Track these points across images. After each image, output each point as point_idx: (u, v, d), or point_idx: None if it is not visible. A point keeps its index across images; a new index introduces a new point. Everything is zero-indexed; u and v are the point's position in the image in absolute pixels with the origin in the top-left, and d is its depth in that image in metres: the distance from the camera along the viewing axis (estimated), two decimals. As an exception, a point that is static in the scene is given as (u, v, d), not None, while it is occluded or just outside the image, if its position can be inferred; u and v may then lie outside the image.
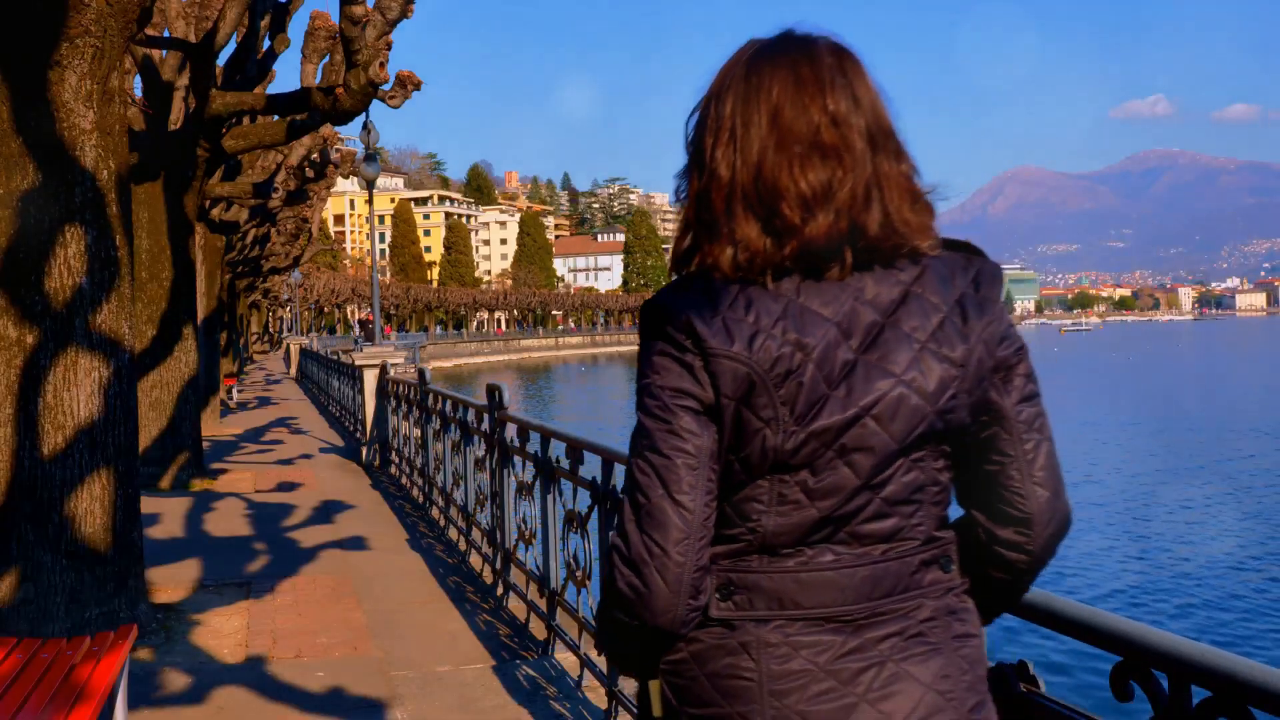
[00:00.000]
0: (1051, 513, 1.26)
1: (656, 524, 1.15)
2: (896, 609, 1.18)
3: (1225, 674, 1.31)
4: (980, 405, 1.21)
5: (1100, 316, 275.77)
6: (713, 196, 1.19)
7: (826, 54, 1.20)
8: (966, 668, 1.19)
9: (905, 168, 1.21)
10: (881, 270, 1.18)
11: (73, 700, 2.66)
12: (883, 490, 1.17)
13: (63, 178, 4.46)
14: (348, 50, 6.98)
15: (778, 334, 1.13)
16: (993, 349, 1.20)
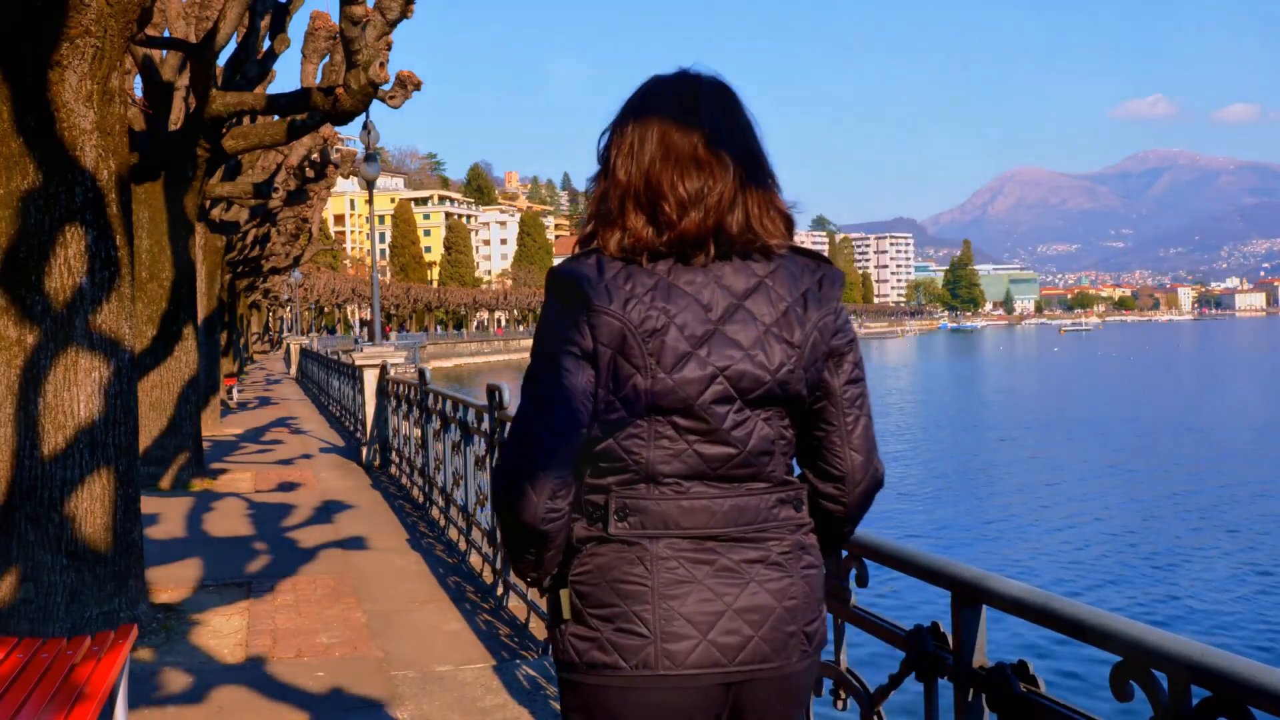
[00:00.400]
0: (864, 473, 1.57)
1: (532, 442, 1.44)
2: (759, 537, 1.47)
3: (1225, 674, 1.31)
4: (814, 382, 1.51)
5: (1100, 316, 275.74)
6: (611, 195, 1.49)
7: (709, 90, 1.51)
8: (809, 590, 1.51)
9: (766, 183, 1.50)
10: (739, 262, 1.47)
11: (73, 700, 2.66)
12: (743, 440, 1.46)
13: (63, 178, 4.46)
14: (348, 50, 6.98)
15: (648, 300, 1.42)
16: (827, 338, 1.50)
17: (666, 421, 1.45)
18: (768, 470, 1.49)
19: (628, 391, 1.43)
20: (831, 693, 2.21)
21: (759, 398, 1.46)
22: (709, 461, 1.45)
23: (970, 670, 1.80)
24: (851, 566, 2.18)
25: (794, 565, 1.50)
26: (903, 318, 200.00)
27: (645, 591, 1.44)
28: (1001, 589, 1.73)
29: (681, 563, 1.44)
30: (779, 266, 1.49)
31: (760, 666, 1.46)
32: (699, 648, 1.43)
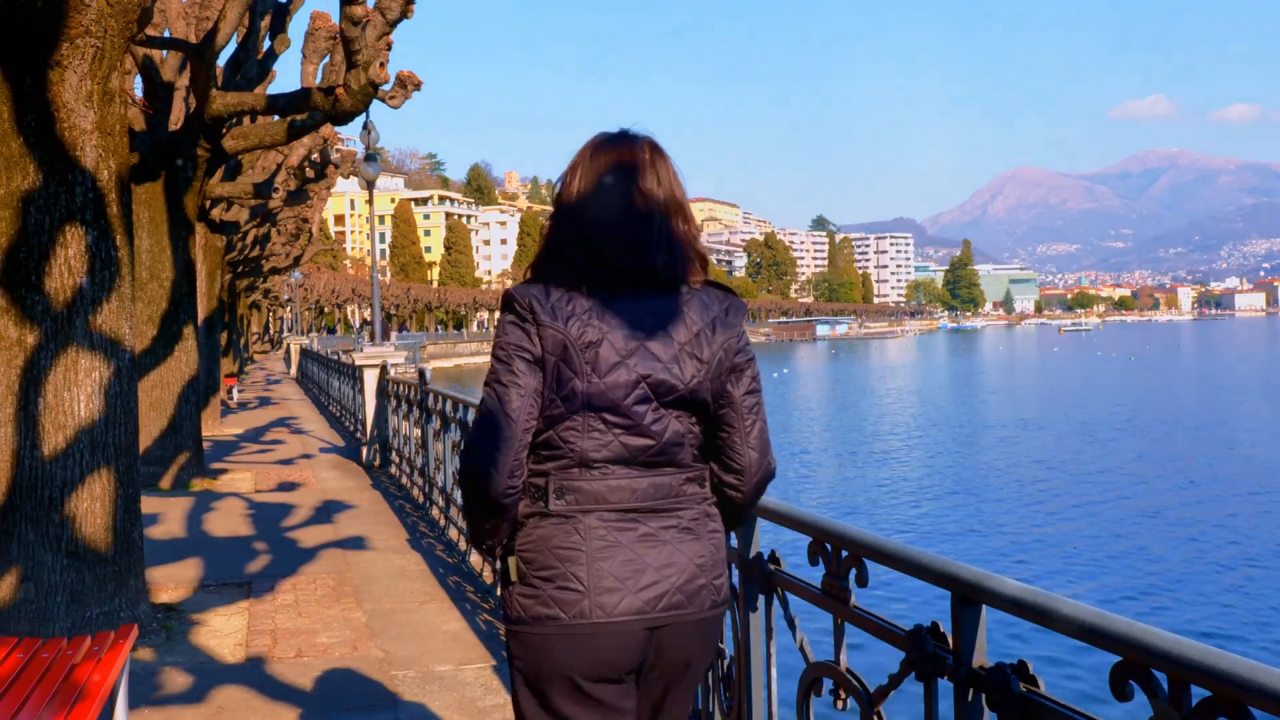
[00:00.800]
0: (759, 467, 1.87)
1: (492, 430, 1.73)
2: (671, 509, 1.80)
3: (1225, 674, 1.31)
4: (718, 391, 1.82)
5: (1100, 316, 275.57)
6: (560, 235, 1.81)
7: (644, 149, 1.81)
8: (714, 550, 1.84)
9: (688, 229, 1.82)
10: (663, 294, 1.79)
11: (73, 700, 2.66)
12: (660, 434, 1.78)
13: (63, 178, 4.46)
14: (348, 50, 6.98)
15: (585, 319, 1.74)
16: (730, 356, 1.82)
17: (598, 417, 1.76)
18: (678, 458, 1.82)
19: (568, 392, 1.74)
20: (831, 693, 2.21)
21: (673, 401, 1.78)
22: (631, 450, 1.77)
23: (970, 670, 1.80)
24: (851, 566, 2.18)
25: (702, 530, 1.83)
26: (903, 318, 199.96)
27: (580, 555, 1.74)
28: (1001, 589, 1.73)
29: (609, 531, 1.76)
30: (694, 297, 1.82)
31: (676, 613, 1.77)
32: (625, 599, 1.74)
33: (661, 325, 1.77)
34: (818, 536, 2.27)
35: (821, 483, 21.16)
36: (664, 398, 1.78)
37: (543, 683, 1.79)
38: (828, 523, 2.27)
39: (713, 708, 2.87)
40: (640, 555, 1.76)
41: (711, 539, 1.84)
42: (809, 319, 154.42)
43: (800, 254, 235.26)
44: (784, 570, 2.51)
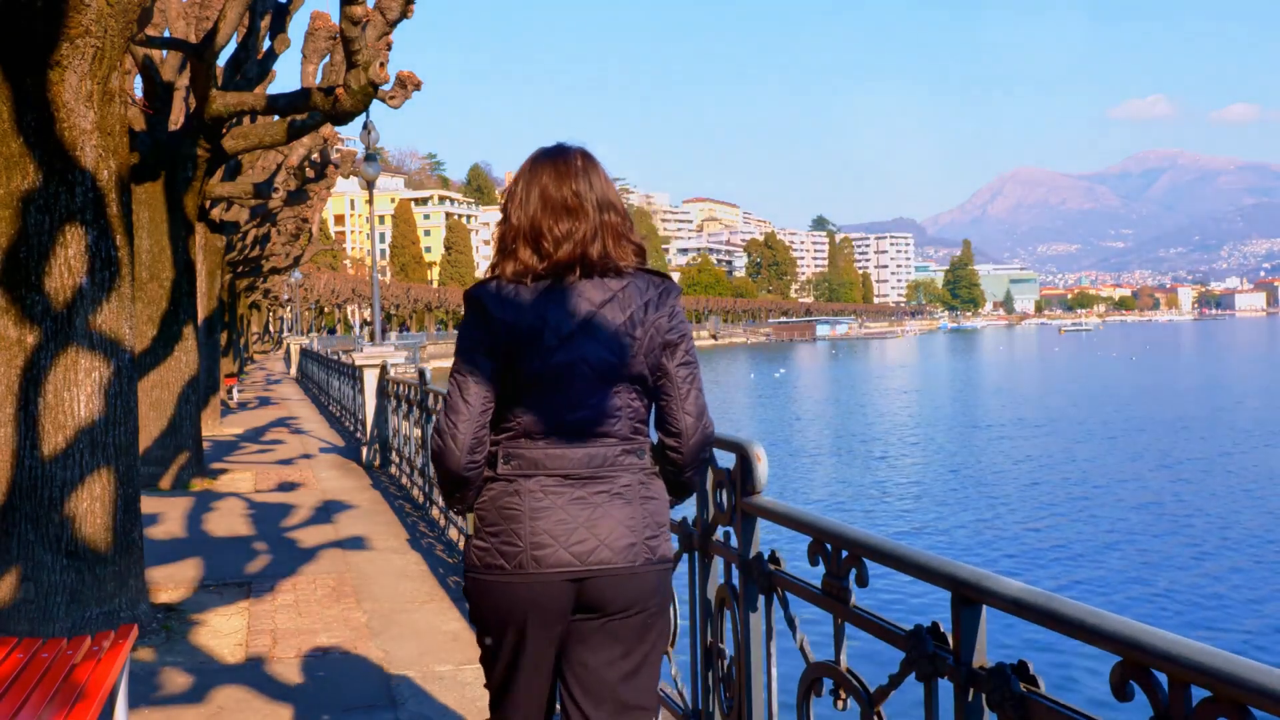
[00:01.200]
0: (695, 430, 2.09)
1: (455, 412, 2.02)
2: (605, 475, 2.01)
3: (1225, 674, 1.31)
4: (654, 365, 2.05)
5: (1100, 316, 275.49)
6: (508, 235, 2.06)
7: (578, 158, 2.08)
8: (646, 514, 2.04)
9: (621, 222, 2.07)
10: (600, 280, 2.02)
11: (73, 700, 2.66)
12: (597, 406, 2.01)
13: (63, 178, 4.46)
14: (348, 50, 6.98)
15: (531, 310, 1.99)
16: (662, 334, 2.04)
17: (542, 395, 2.01)
18: (615, 429, 2.03)
19: (518, 372, 2.01)
20: (831, 693, 2.21)
21: (611, 376, 2.02)
22: (570, 423, 2.01)
23: (970, 670, 1.80)
24: (851, 566, 2.18)
25: (634, 496, 2.04)
26: (903, 318, 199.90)
27: (520, 514, 2.01)
28: (1001, 589, 1.73)
29: (546, 493, 2.01)
30: (629, 283, 2.05)
31: (604, 567, 2.01)
32: (557, 554, 1.99)
33: (599, 310, 2.02)
34: (818, 536, 2.27)
35: (822, 483, 21.16)
36: (601, 375, 2.02)
37: (490, 622, 2.08)
38: (828, 523, 2.27)
39: (713, 708, 2.87)
40: (572, 516, 2.01)
41: (644, 505, 2.06)
42: (809, 319, 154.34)
43: (800, 254, 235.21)
44: (784, 570, 2.51)
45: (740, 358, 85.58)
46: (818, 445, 27.60)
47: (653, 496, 2.09)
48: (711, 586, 2.89)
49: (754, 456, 2.62)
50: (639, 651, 2.10)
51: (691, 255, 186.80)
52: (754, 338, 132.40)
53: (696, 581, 2.96)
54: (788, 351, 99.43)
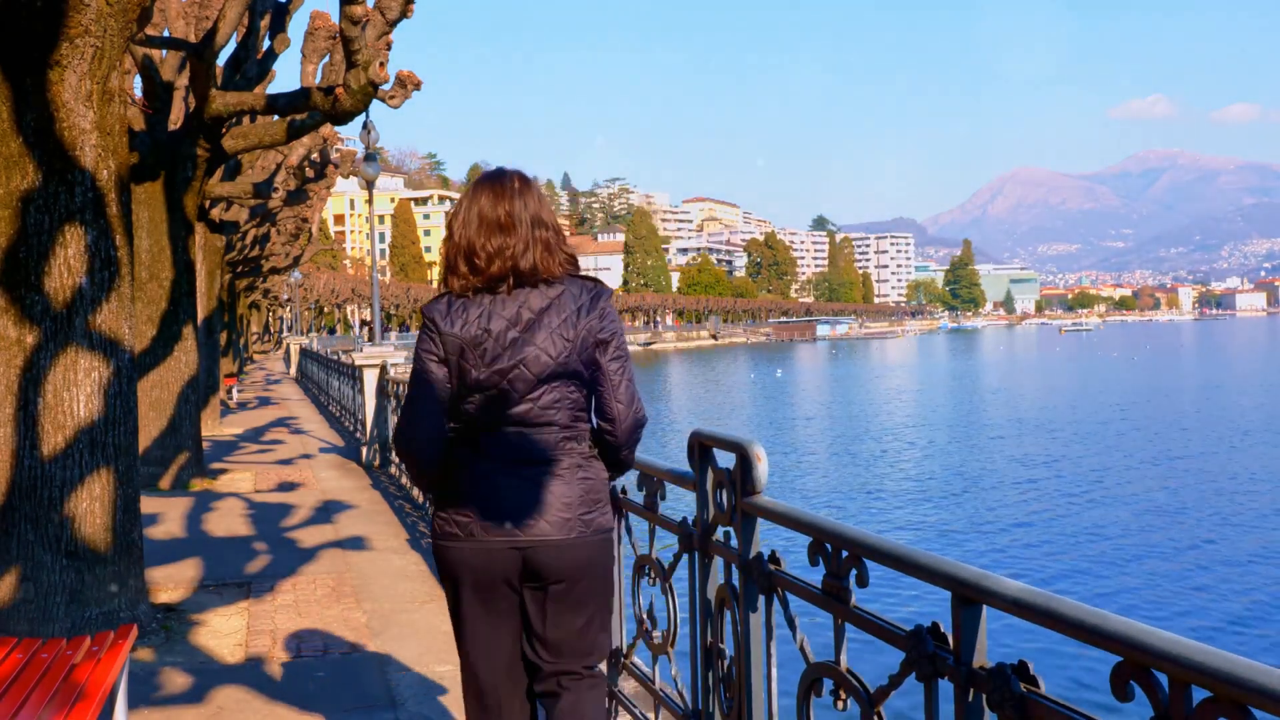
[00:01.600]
0: (627, 416, 2.40)
1: (413, 412, 2.37)
2: (547, 459, 2.33)
3: (1226, 674, 1.31)
4: (589, 361, 2.34)
5: (1100, 316, 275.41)
6: (450, 252, 2.36)
7: (514, 180, 2.37)
8: (583, 493, 2.36)
9: (553, 236, 2.35)
10: (534, 289, 2.33)
11: (73, 700, 2.66)
12: (537, 400, 2.32)
13: (63, 178, 4.46)
14: (347, 50, 6.97)
15: (476, 322, 2.30)
16: (594, 334, 2.33)
17: (488, 394, 2.33)
18: (555, 419, 2.34)
19: (466, 378, 2.33)
20: (831, 693, 2.21)
21: (548, 376, 2.31)
22: (514, 416, 2.33)
23: (970, 670, 1.79)
24: (852, 566, 2.18)
25: (572, 477, 2.36)
26: (903, 318, 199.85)
27: (472, 493, 2.34)
28: (1002, 589, 1.73)
29: (494, 476, 2.34)
30: (564, 290, 2.34)
31: (544, 539, 2.32)
32: (502, 526, 2.32)
33: (536, 316, 2.32)
34: (818, 536, 2.27)
35: (822, 483, 21.15)
36: (540, 374, 2.32)
37: (448, 580, 2.45)
38: (828, 523, 2.27)
39: (713, 708, 2.87)
40: (517, 494, 2.33)
41: (581, 483, 2.38)
42: (809, 319, 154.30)
43: (800, 254, 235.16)
44: (784, 570, 2.51)
45: (740, 357, 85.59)
46: (818, 445, 27.60)
47: (589, 476, 2.41)
48: (711, 586, 2.89)
49: (754, 456, 2.61)
50: (584, 613, 2.43)
51: (691, 255, 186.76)
52: (754, 338, 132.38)
53: (696, 581, 2.96)
54: (788, 351, 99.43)
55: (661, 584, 3.25)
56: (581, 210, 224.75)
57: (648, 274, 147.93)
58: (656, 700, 3.35)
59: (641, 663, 3.58)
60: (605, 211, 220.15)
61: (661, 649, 3.27)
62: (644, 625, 3.38)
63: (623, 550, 3.70)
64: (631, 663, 3.61)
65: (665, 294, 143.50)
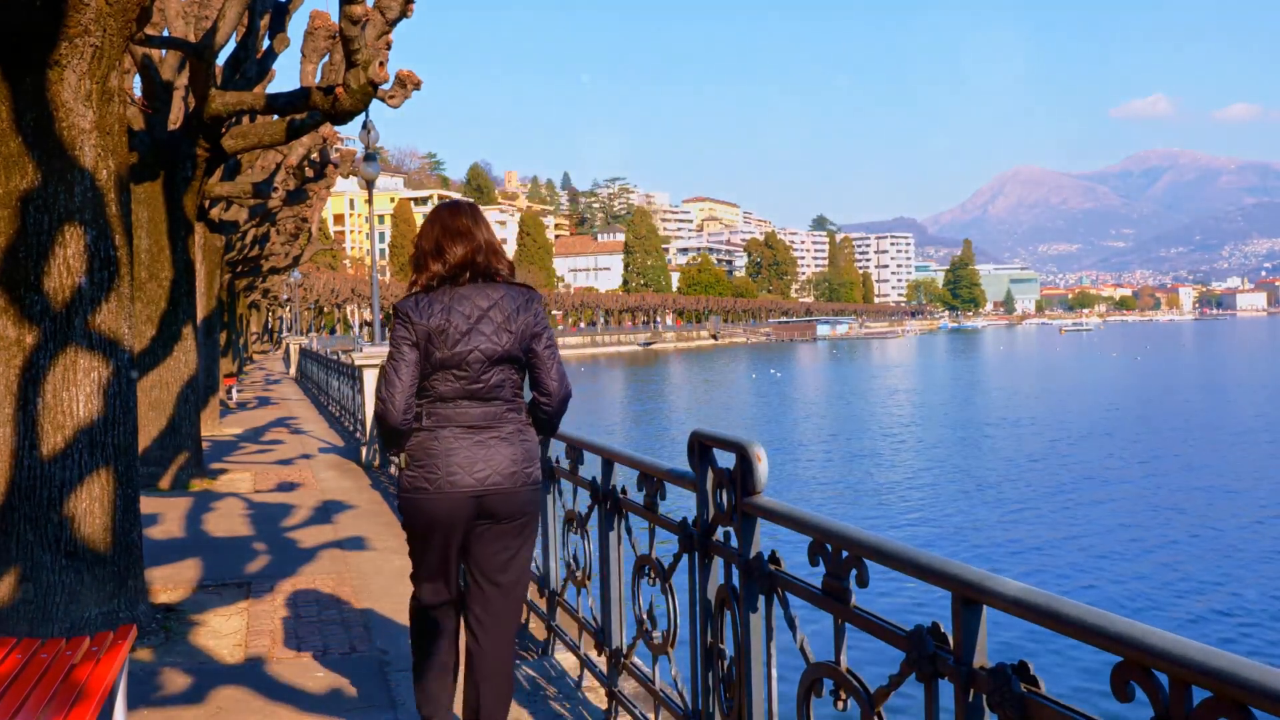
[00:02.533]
0: (559, 390, 3.09)
1: (391, 386, 2.94)
2: (495, 426, 3.00)
3: (1225, 674, 1.30)
4: (526, 349, 3.02)
5: (1101, 316, 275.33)
6: (421, 254, 3.06)
7: (468, 208, 3.12)
8: (524, 453, 3.03)
9: (497, 245, 3.06)
10: (485, 289, 3.01)
11: (72, 700, 2.66)
12: (487, 380, 2.98)
13: (62, 177, 4.45)
14: (347, 50, 6.97)
15: (439, 314, 2.96)
16: (529, 329, 3.02)
17: (449, 373, 2.99)
18: (500, 394, 3.04)
19: (432, 360, 2.99)
20: (832, 693, 2.21)
21: (496, 360, 3.00)
22: (469, 391, 3.00)
23: (971, 670, 1.79)
24: (852, 566, 2.17)
25: (515, 439, 3.05)
26: (903, 318, 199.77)
27: (438, 454, 2.99)
28: (1002, 589, 1.72)
29: (455, 439, 2.99)
30: (505, 294, 3.04)
31: (495, 488, 3.01)
32: (463, 479, 2.98)
33: (484, 311, 3.01)
34: (818, 537, 2.26)
35: (822, 483, 21.15)
36: (490, 358, 3.00)
37: (417, 527, 3.08)
38: (828, 523, 2.26)
39: (713, 708, 2.87)
40: (474, 454, 3.00)
41: (523, 445, 3.07)
42: (809, 319, 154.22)
43: (800, 254, 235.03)
44: (784, 570, 2.51)
45: (741, 357, 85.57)
46: (818, 445, 27.59)
47: (527, 440, 3.10)
48: (712, 587, 2.88)
49: (754, 456, 2.61)
50: (516, 544, 3.14)
51: (691, 255, 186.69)
52: (754, 338, 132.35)
53: (696, 581, 2.96)
54: (788, 351, 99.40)
55: (661, 584, 3.25)
56: (581, 210, 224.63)
57: (648, 274, 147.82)
58: (656, 700, 3.35)
59: (641, 663, 3.58)
60: (605, 211, 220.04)
61: (661, 649, 3.27)
62: (644, 625, 3.38)
63: (623, 550, 3.70)
64: (631, 663, 3.60)
65: (665, 294, 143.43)
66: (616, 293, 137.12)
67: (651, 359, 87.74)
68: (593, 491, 3.86)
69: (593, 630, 3.95)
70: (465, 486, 2.97)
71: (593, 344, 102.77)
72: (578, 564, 4.09)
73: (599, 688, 3.89)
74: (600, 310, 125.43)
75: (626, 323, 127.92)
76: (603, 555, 3.77)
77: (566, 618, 4.34)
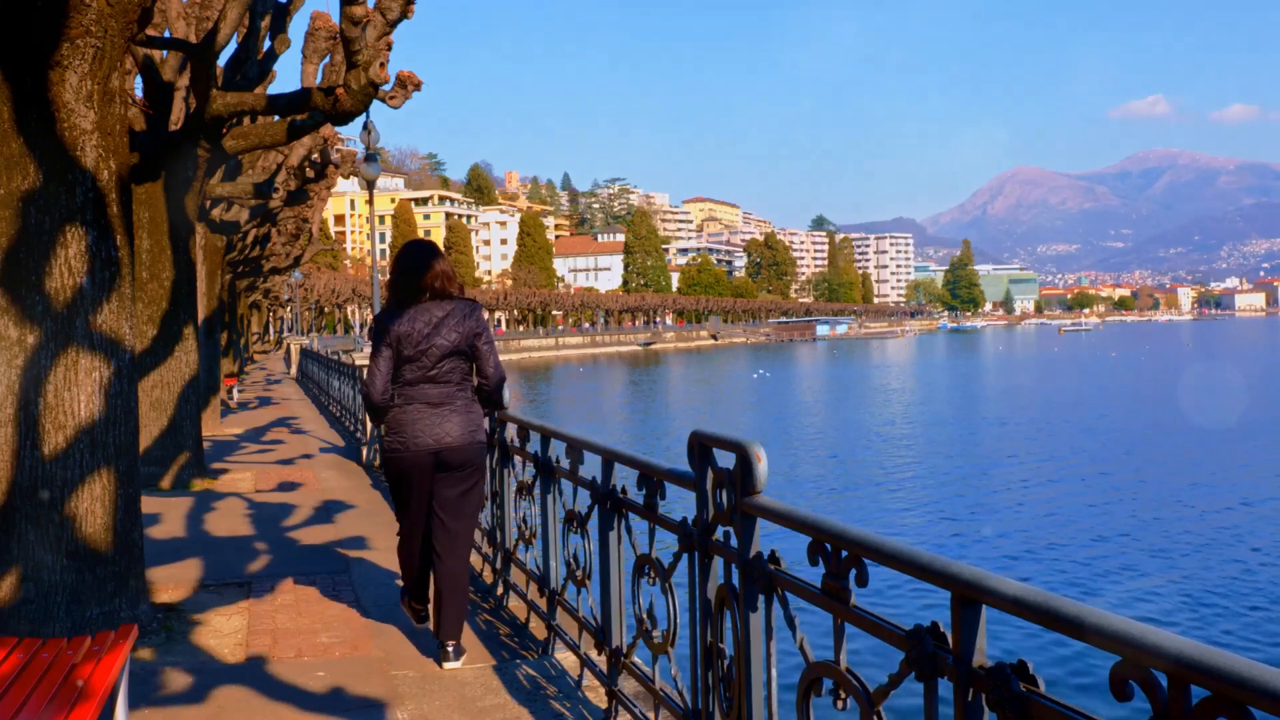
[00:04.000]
0: (495, 374, 4.44)
1: (374, 375, 4.33)
2: (449, 402, 4.36)
3: (1225, 674, 1.31)
4: (470, 346, 4.36)
5: (1100, 316, 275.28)
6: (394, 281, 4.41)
7: (429, 245, 4.61)
8: (470, 420, 4.41)
9: (450, 272, 4.44)
10: (440, 304, 4.35)
11: (73, 700, 2.66)
12: (442, 369, 4.34)
13: (63, 178, 4.46)
14: (348, 51, 6.97)
15: (406, 323, 4.29)
16: (473, 331, 4.36)
17: (414, 364, 4.26)
18: (452, 379, 4.32)
19: (401, 356, 4.26)
20: (831, 693, 2.21)
21: (448, 353, 4.28)
22: (429, 376, 4.28)
23: (970, 670, 1.80)
24: (851, 566, 2.18)
25: (464, 411, 4.35)
26: (903, 318, 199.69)
27: (407, 424, 4.31)
28: (1001, 589, 1.73)
29: (419, 413, 4.29)
30: (455, 306, 4.32)
31: (449, 446, 4.31)
32: (426, 440, 4.29)
33: (440, 320, 4.28)
34: (818, 536, 2.27)
35: (822, 483, 21.15)
36: (443, 353, 4.27)
37: (396, 477, 4.41)
38: (828, 523, 2.27)
39: (713, 707, 2.87)
40: (435, 423, 4.30)
41: (468, 415, 4.38)
42: (809, 319, 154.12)
43: (800, 254, 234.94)
44: (784, 570, 2.51)
45: (741, 357, 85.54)
46: (818, 445, 27.59)
47: (473, 412, 4.43)
48: (711, 586, 2.89)
49: (754, 456, 2.61)
50: (467, 486, 4.45)
51: (691, 255, 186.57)
52: (754, 338, 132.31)
53: (696, 581, 2.96)
54: (788, 351, 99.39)
55: (661, 584, 3.25)
56: (581, 210, 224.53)
57: (648, 274, 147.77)
58: (656, 700, 3.35)
59: (641, 662, 3.58)
60: (605, 211, 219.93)
61: (661, 649, 3.27)
62: (644, 625, 3.38)
63: (623, 549, 3.70)
64: (631, 662, 3.61)
65: (665, 294, 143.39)
66: (616, 293, 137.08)
67: (651, 359, 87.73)
68: (593, 491, 3.87)
69: (593, 629, 3.96)
70: (427, 445, 4.31)
71: (593, 344, 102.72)
72: (578, 563, 4.09)
73: (599, 687, 3.90)
74: (600, 310, 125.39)
75: (626, 323, 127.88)
76: (603, 555, 3.78)
77: (566, 617, 4.35)
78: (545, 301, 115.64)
